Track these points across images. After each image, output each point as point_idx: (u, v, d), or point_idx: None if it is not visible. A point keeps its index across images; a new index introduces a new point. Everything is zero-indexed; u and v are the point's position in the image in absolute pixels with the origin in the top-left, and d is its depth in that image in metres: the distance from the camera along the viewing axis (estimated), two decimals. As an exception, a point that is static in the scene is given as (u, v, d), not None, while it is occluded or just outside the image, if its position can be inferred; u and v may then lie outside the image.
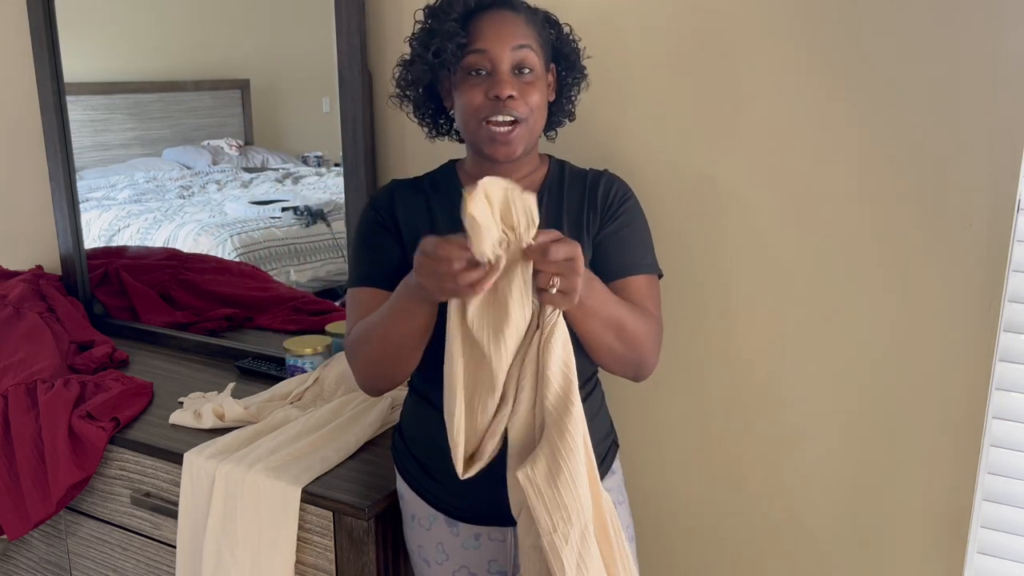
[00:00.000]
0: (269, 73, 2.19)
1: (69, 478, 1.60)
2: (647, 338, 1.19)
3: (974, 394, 1.39)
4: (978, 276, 1.35)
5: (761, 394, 1.55)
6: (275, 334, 2.06)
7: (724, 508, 1.64)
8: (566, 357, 1.06)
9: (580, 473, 1.06)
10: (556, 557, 1.06)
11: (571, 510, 1.06)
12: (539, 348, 1.06)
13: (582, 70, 1.33)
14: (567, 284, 1.01)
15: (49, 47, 2.11)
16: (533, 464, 1.05)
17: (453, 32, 1.18)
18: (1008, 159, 1.30)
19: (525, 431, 1.09)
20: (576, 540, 1.07)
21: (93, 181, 2.31)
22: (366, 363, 1.23)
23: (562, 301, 1.03)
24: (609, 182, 1.30)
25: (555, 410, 1.05)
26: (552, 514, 1.06)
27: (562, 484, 1.05)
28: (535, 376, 1.07)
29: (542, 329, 1.05)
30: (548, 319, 1.05)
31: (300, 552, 1.44)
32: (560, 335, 1.05)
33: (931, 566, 1.48)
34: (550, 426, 1.06)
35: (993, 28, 1.27)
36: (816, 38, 1.39)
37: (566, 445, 1.05)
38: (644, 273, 1.26)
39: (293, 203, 2.14)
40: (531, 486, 1.05)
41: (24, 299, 2.10)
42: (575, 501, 1.06)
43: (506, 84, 1.17)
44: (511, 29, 1.19)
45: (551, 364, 1.05)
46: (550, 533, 1.06)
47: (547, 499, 1.06)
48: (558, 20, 1.30)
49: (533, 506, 1.06)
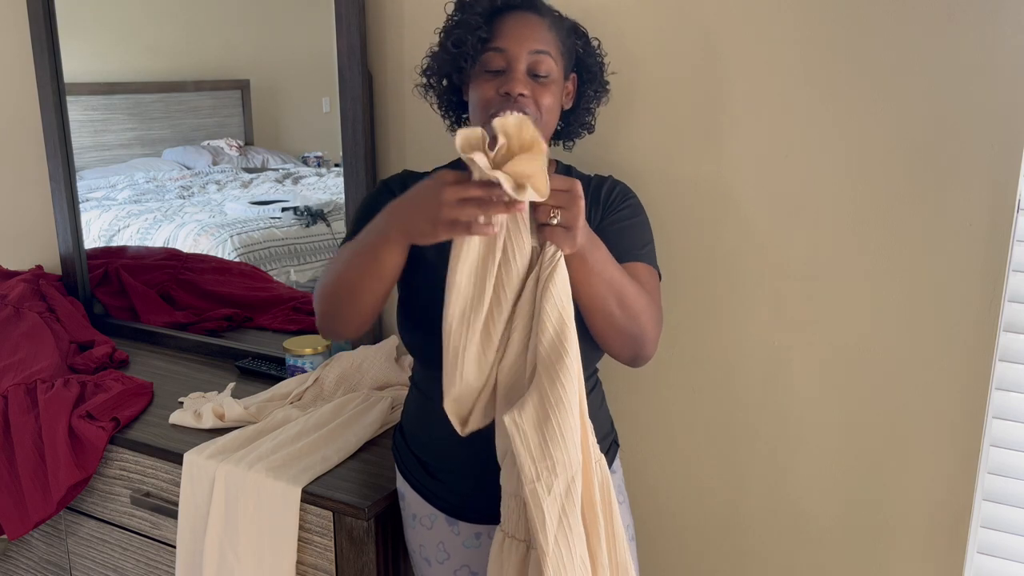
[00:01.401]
0: (269, 73, 2.18)
1: (69, 478, 1.60)
2: (646, 313, 1.16)
3: (974, 394, 1.39)
4: (978, 276, 1.35)
5: (761, 395, 1.56)
6: (275, 334, 2.06)
7: (724, 508, 1.64)
8: (564, 301, 1.02)
9: (569, 425, 1.02)
10: (537, 507, 1.02)
11: (556, 460, 1.02)
12: (536, 289, 1.02)
13: (604, 84, 1.34)
14: (568, 217, 1.00)
15: (49, 47, 2.11)
16: (521, 409, 1.02)
17: (476, 26, 1.20)
18: (1008, 159, 1.30)
19: (515, 374, 1.05)
20: (560, 492, 1.03)
21: (93, 181, 2.31)
22: (322, 296, 1.20)
23: (563, 237, 1.01)
24: (613, 184, 1.32)
25: (548, 356, 1.02)
26: (537, 462, 1.02)
27: (549, 433, 1.02)
28: (529, 318, 1.03)
29: (540, 269, 1.02)
30: (547, 259, 1.02)
31: (300, 552, 1.44)
32: (559, 277, 1.02)
33: (931, 566, 1.48)
34: (541, 372, 1.02)
35: (993, 28, 1.27)
36: (815, 40, 1.39)
37: (556, 394, 1.01)
38: (644, 262, 1.24)
39: (293, 203, 2.14)
40: (517, 431, 1.02)
41: (24, 299, 2.10)
42: (562, 452, 1.02)
43: (518, 82, 1.18)
44: (533, 32, 1.20)
45: (547, 306, 1.01)
46: (532, 481, 1.02)
47: (532, 446, 1.02)
48: (587, 32, 1.32)
49: (517, 451, 1.02)
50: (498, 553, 1.13)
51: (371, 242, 1.10)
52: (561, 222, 1.00)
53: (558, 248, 1.02)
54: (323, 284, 1.21)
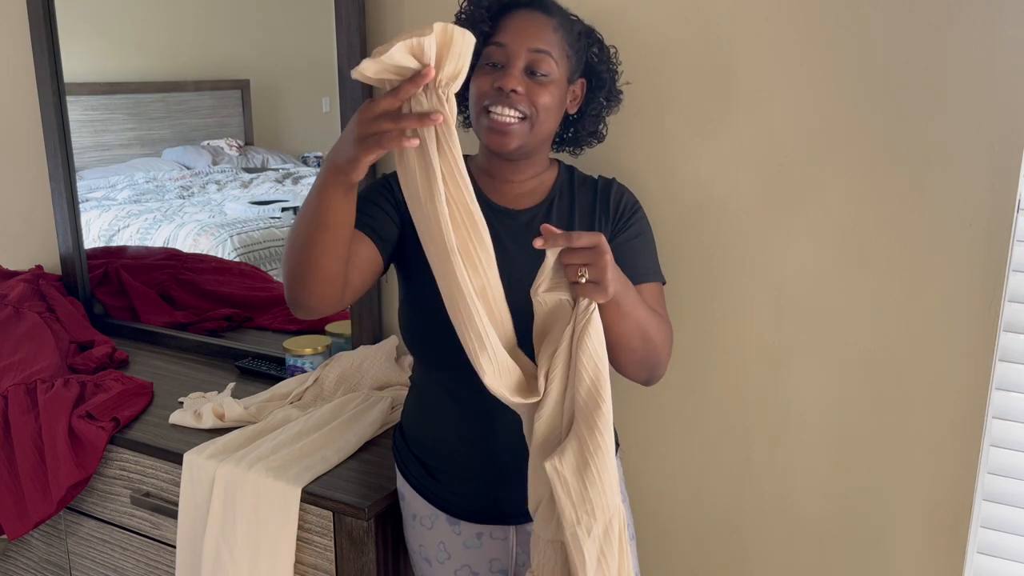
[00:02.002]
0: (269, 73, 2.18)
1: (69, 478, 1.60)
2: (665, 345, 1.20)
3: (974, 394, 1.39)
4: (978, 276, 1.35)
5: (761, 394, 1.55)
6: (275, 334, 2.06)
7: (724, 508, 1.64)
8: (599, 352, 1.04)
9: (607, 470, 1.05)
10: (578, 549, 1.06)
11: (596, 505, 1.05)
12: (571, 341, 1.04)
13: (616, 94, 1.34)
14: (596, 273, 1.00)
15: (49, 47, 2.11)
16: (561, 456, 1.04)
17: (480, 19, 1.21)
18: (1008, 159, 1.30)
19: (551, 424, 1.07)
20: (599, 535, 1.07)
21: (93, 181, 2.31)
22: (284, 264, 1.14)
23: (595, 292, 1.02)
24: (620, 191, 1.31)
25: (585, 405, 1.04)
26: (577, 507, 1.05)
27: (588, 479, 1.04)
28: (566, 369, 1.05)
29: (575, 322, 1.04)
30: (582, 312, 1.03)
31: (300, 552, 1.44)
32: (594, 330, 1.03)
33: (931, 566, 1.48)
34: (579, 420, 1.05)
35: (993, 28, 1.27)
36: (815, 41, 1.39)
37: (595, 441, 1.04)
38: (655, 281, 1.28)
39: (293, 203, 2.14)
40: (558, 477, 1.04)
41: (24, 299, 2.10)
42: (600, 497, 1.05)
43: (512, 78, 1.18)
44: (535, 31, 1.20)
45: (583, 358, 1.03)
46: (574, 525, 1.05)
47: (573, 492, 1.05)
48: (602, 39, 1.32)
49: (559, 497, 1.05)
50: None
51: (312, 191, 1.07)
52: (590, 278, 1.01)
53: (591, 300, 1.03)
54: (284, 252, 1.16)
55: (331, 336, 1.88)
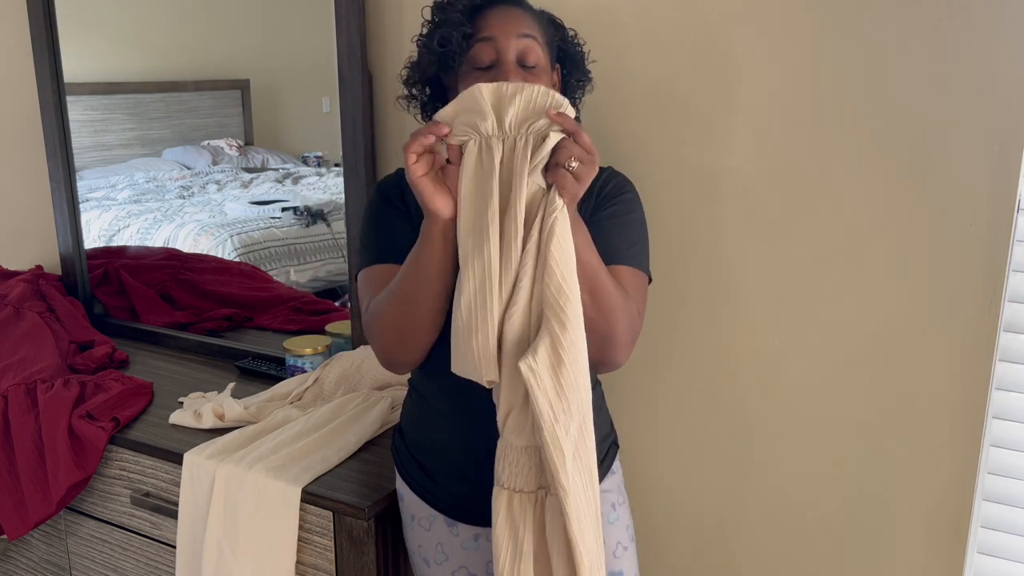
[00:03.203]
0: (269, 73, 2.18)
1: (69, 478, 1.60)
2: (620, 311, 1.13)
3: (974, 394, 1.39)
4: (978, 276, 1.35)
5: (761, 394, 1.55)
6: (275, 334, 2.06)
7: (724, 508, 1.64)
8: (568, 248, 1.03)
9: (580, 368, 1.04)
10: (557, 448, 1.03)
11: (571, 401, 1.04)
12: (539, 234, 1.03)
13: (587, 73, 1.32)
14: (583, 170, 1.01)
15: (49, 47, 2.11)
16: (535, 354, 1.02)
17: (459, 23, 1.18)
18: (1008, 159, 1.30)
19: (522, 323, 1.05)
20: (575, 433, 1.05)
21: (93, 181, 2.31)
22: (384, 326, 1.18)
23: (572, 186, 1.02)
24: (610, 176, 1.29)
25: (555, 300, 1.02)
26: (554, 405, 1.03)
27: (563, 375, 1.03)
28: (535, 264, 1.04)
29: (545, 215, 1.02)
30: (554, 207, 1.02)
31: (300, 552, 1.44)
32: (563, 224, 1.02)
33: (931, 566, 1.48)
34: (550, 317, 1.02)
35: (993, 28, 1.27)
36: (816, 37, 1.39)
37: (567, 337, 1.02)
38: (630, 265, 1.21)
39: (293, 203, 2.14)
40: (533, 376, 1.02)
41: (24, 299, 2.10)
42: (575, 392, 1.04)
43: (511, 73, 1.16)
44: (517, 20, 1.19)
45: (553, 250, 1.02)
46: (552, 424, 1.03)
47: (549, 390, 1.03)
48: (563, 24, 1.31)
49: (536, 397, 1.02)
50: (507, 512, 1.11)
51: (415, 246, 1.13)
52: (575, 172, 1.01)
53: (562, 197, 1.03)
54: (379, 309, 1.18)
55: (331, 336, 1.88)
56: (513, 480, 1.11)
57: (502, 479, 1.11)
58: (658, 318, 1.58)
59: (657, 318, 1.57)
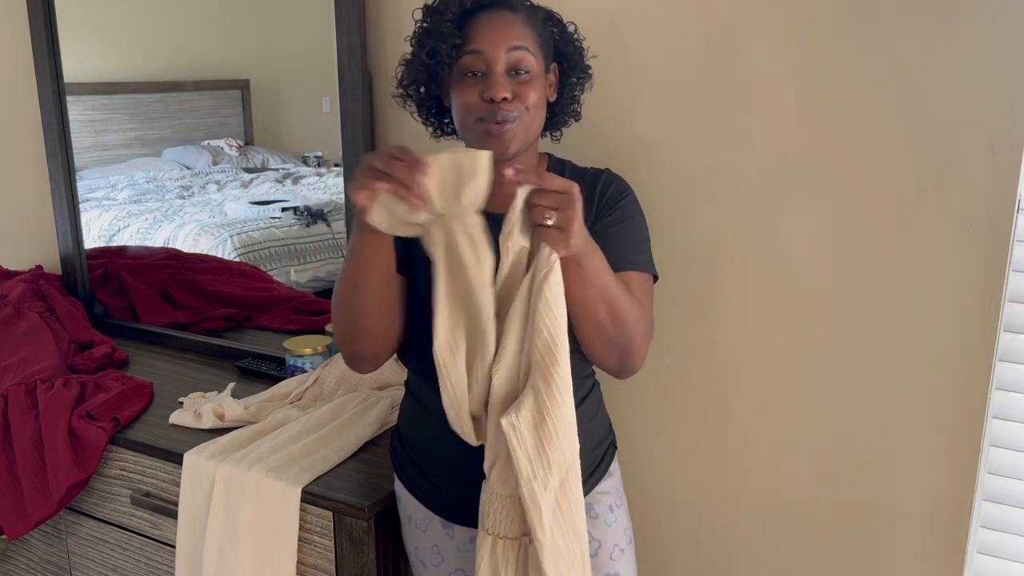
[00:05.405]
0: (269, 73, 2.19)
1: (69, 478, 1.60)
2: (637, 325, 1.15)
3: (974, 394, 1.39)
4: (978, 276, 1.35)
5: (760, 394, 1.55)
6: (275, 334, 2.06)
7: (723, 509, 1.64)
8: (559, 305, 1.03)
9: (564, 426, 1.05)
10: (534, 503, 1.05)
11: (552, 460, 1.05)
12: (529, 291, 1.03)
13: (586, 69, 1.31)
14: (563, 219, 0.99)
15: (49, 47, 2.11)
16: (517, 411, 1.04)
17: (448, 33, 1.17)
18: (1008, 159, 1.30)
19: (509, 378, 1.06)
20: (555, 487, 1.06)
21: (93, 181, 2.31)
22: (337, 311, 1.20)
23: (558, 240, 1.00)
24: (609, 179, 1.29)
25: (542, 359, 1.03)
26: (533, 462, 1.04)
27: (544, 434, 1.04)
28: (523, 320, 1.04)
29: (535, 272, 1.02)
30: (543, 262, 1.02)
31: (300, 552, 1.44)
32: (555, 281, 1.02)
33: (931, 566, 1.48)
34: (536, 375, 1.03)
35: (993, 28, 1.27)
36: (818, 37, 1.39)
37: (551, 396, 1.03)
38: (638, 270, 1.23)
39: (293, 203, 2.14)
40: (514, 433, 1.04)
41: (24, 299, 2.10)
42: (557, 451, 1.05)
43: (500, 86, 1.16)
44: (507, 30, 1.18)
45: (541, 309, 1.02)
46: (530, 480, 1.05)
47: (529, 447, 1.04)
48: (561, 19, 1.29)
49: (515, 452, 1.04)
50: (491, 556, 1.13)
51: (352, 245, 1.13)
52: (556, 224, 1.00)
53: (553, 251, 1.02)
54: (334, 296, 1.21)
55: (331, 336, 1.88)
56: (497, 526, 1.12)
57: (487, 524, 1.13)
58: (658, 318, 1.56)
59: (657, 318, 1.56)
